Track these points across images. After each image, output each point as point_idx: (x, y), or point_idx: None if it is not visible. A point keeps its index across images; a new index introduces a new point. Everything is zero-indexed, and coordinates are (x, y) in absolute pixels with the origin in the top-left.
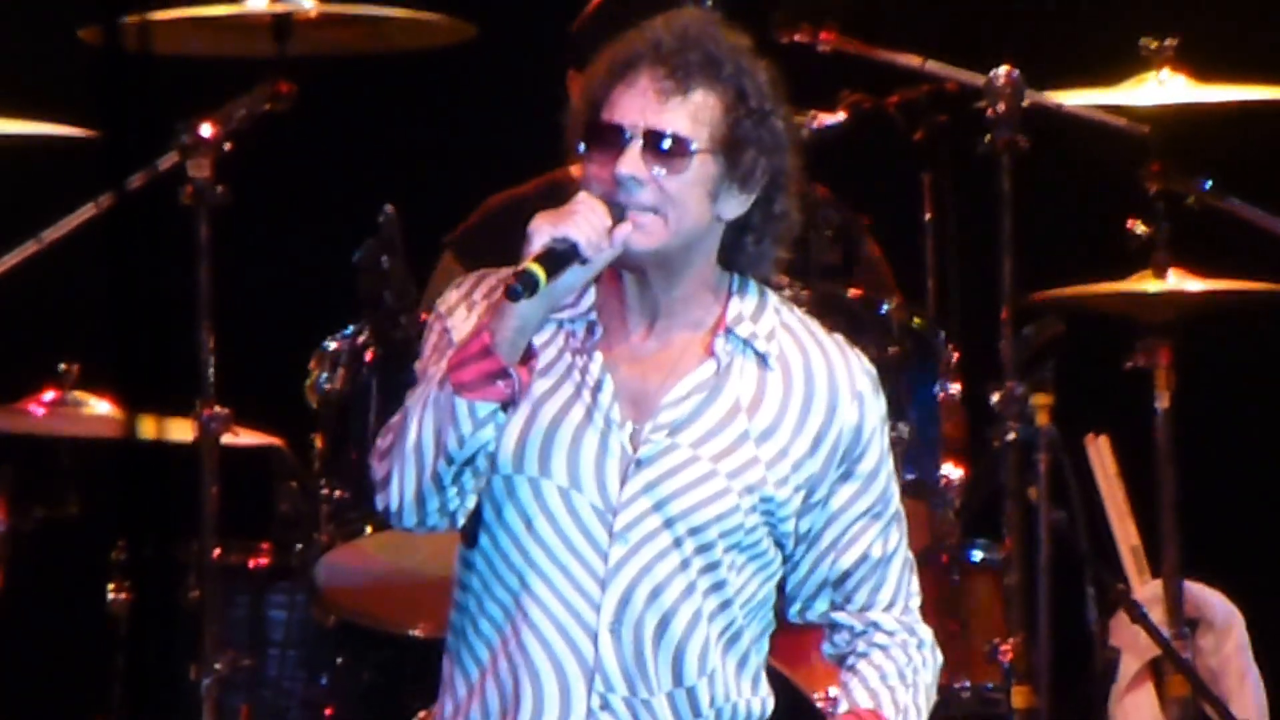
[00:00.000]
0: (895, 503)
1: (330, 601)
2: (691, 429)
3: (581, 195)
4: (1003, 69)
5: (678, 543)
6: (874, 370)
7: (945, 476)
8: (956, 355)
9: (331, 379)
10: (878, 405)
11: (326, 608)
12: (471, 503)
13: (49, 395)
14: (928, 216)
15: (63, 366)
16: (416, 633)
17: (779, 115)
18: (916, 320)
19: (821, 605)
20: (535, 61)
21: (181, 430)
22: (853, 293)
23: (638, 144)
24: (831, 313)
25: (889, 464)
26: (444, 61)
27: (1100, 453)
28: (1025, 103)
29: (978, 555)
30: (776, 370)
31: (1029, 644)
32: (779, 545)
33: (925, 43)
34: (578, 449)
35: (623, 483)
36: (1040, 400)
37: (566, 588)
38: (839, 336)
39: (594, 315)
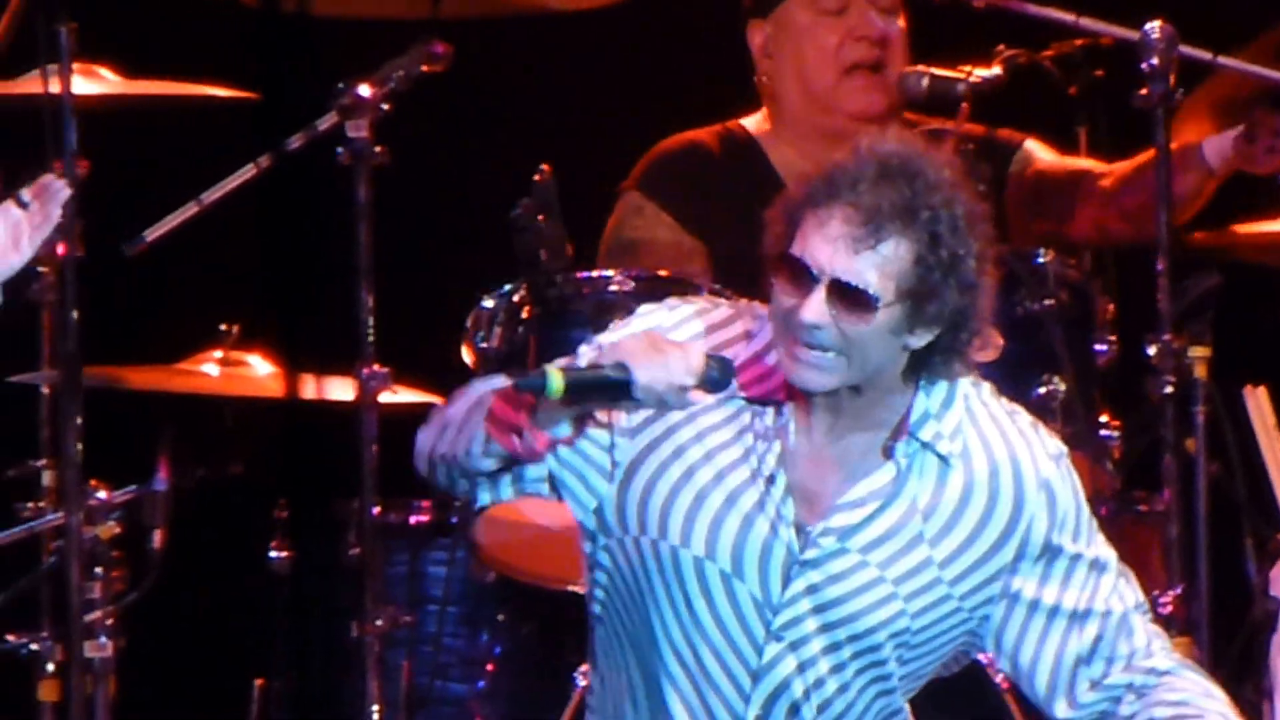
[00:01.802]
0: (1111, 554)
1: (489, 558)
2: (863, 534)
3: (690, 345)
4: (1156, 23)
5: (837, 646)
6: (1060, 448)
7: (1103, 430)
8: (1112, 308)
9: (488, 337)
10: (1067, 483)
11: (485, 564)
12: (486, 498)
13: (211, 356)
14: None
15: (224, 327)
16: (575, 588)
17: (973, 254)
18: (1072, 273)
19: (1083, 686)
20: (689, 18)
21: (342, 389)
22: (1007, 246)
23: (823, 290)
24: None
25: (1092, 526)
26: (598, 20)
27: (1259, 404)
28: (1178, 56)
29: (1137, 508)
30: (958, 468)
31: (1188, 596)
32: (973, 634)
33: None
34: (744, 538)
35: (786, 581)
36: (1198, 352)
37: (718, 672)
38: (1024, 418)
39: (782, 399)
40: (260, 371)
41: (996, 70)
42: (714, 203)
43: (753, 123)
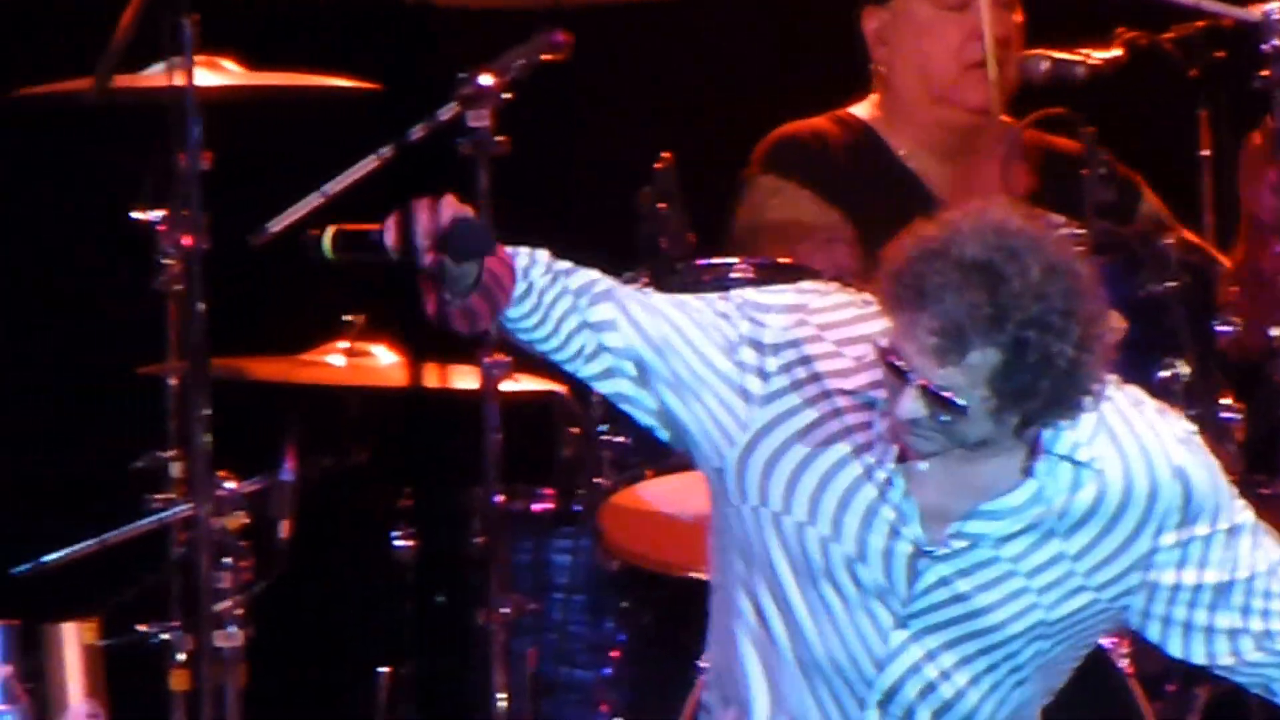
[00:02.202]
0: (1248, 515)
1: (613, 546)
2: (995, 532)
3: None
4: (1278, 4)
5: (966, 640)
6: (1189, 429)
7: (1225, 412)
8: (1235, 290)
9: None
10: (1200, 463)
11: (609, 552)
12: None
13: (336, 346)
14: (1205, 153)
15: (349, 318)
16: (699, 575)
17: (1071, 341)
18: (1194, 256)
19: (1248, 647)
20: (806, 3)
21: (465, 378)
22: (1130, 229)
23: (914, 389)
24: (1109, 250)
25: (1229, 496)
26: (717, 7)
27: None
28: None
29: (1259, 491)
30: (1092, 471)
31: None
32: (1115, 622)
33: None
34: (869, 525)
35: (915, 573)
36: None
37: (842, 654)
38: (1150, 407)
39: None
40: (384, 361)
41: (1116, 53)
42: (841, 187)
43: (864, 110)
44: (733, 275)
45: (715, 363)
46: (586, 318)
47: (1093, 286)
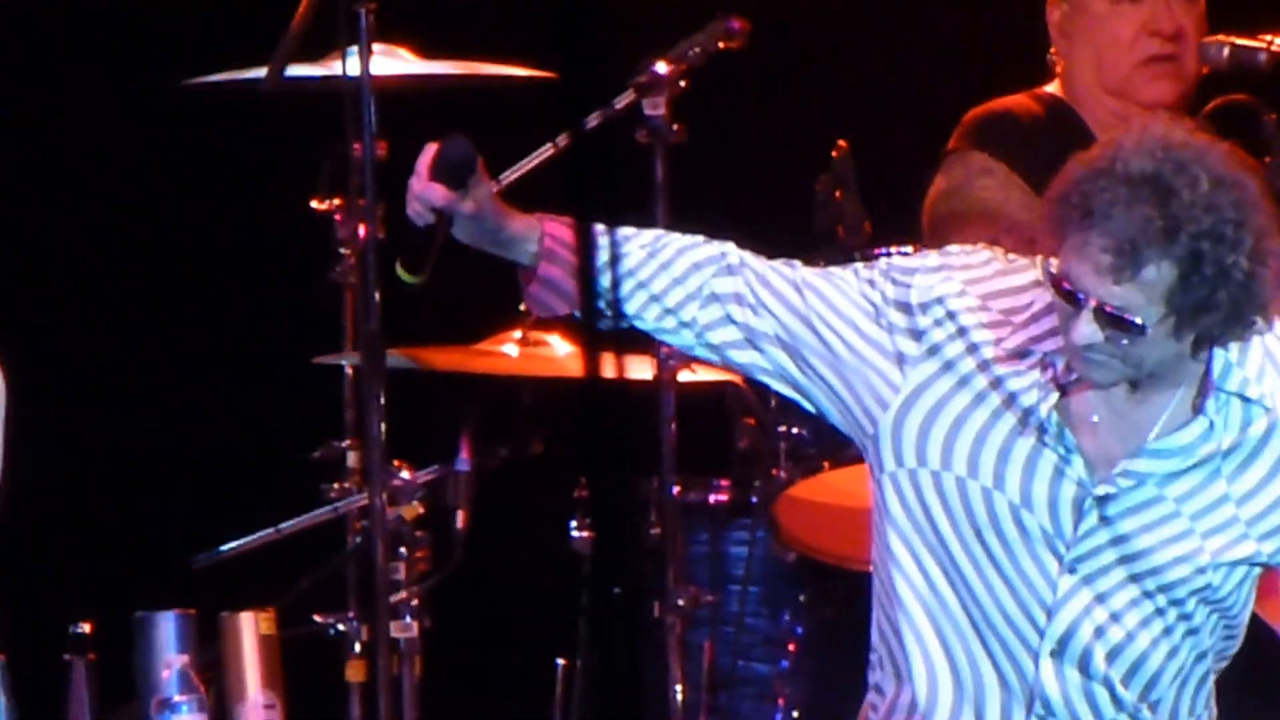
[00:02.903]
0: None
1: (789, 538)
2: (1177, 484)
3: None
4: None
5: (1135, 579)
6: None
7: None
8: None
9: None
10: None
11: (786, 544)
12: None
13: (511, 336)
14: None
15: (524, 307)
16: None
17: (1245, 252)
18: None
19: None
20: None
21: (641, 368)
22: None
23: (1089, 312)
24: None
25: None
26: None
27: None
28: None
29: None
30: (1262, 409)
31: None
32: (1264, 567)
33: None
34: (1032, 470)
35: (1079, 515)
36: None
37: (1011, 605)
38: None
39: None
40: (559, 351)
41: None
42: (1045, 168)
43: (1054, 89)
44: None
45: (864, 328)
46: (714, 289)
47: (1260, 200)
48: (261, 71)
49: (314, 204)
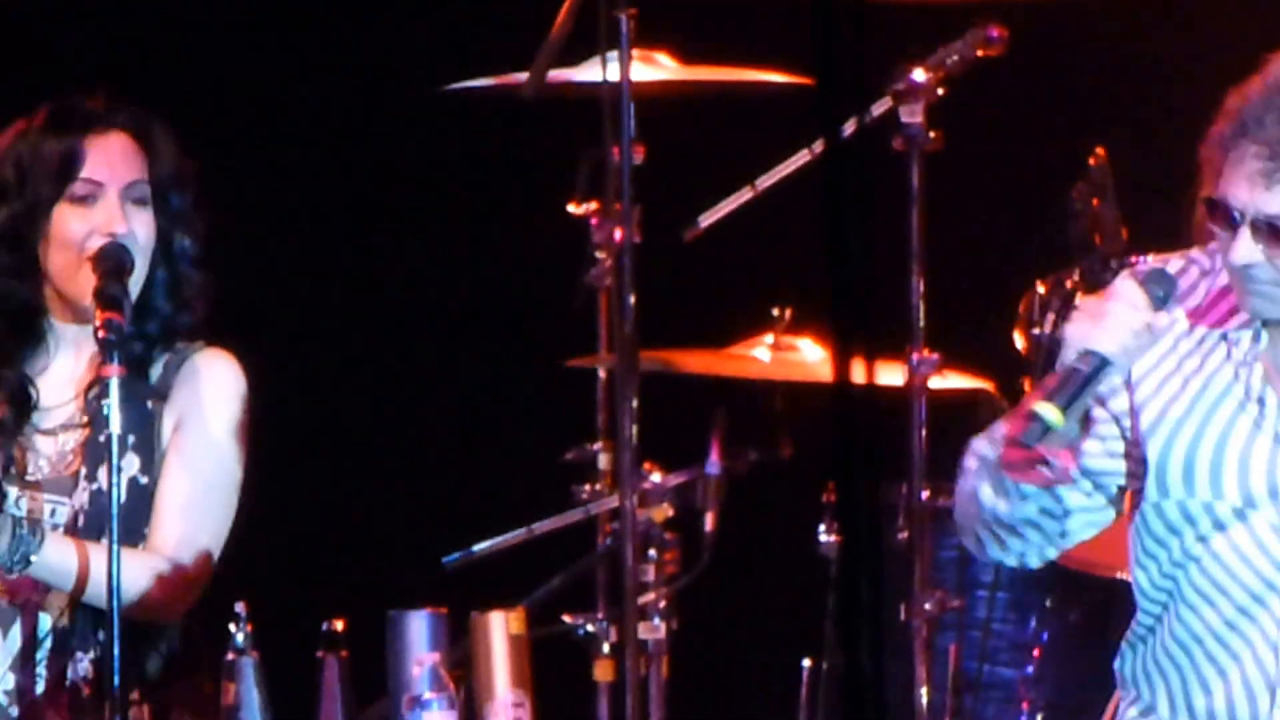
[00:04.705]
0: None
1: None
2: None
3: (1123, 287)
4: None
5: None
6: None
7: None
8: None
9: (1041, 323)
10: None
11: None
12: (1048, 552)
13: (763, 340)
14: None
15: (776, 311)
16: (1123, 576)
17: None
18: None
19: None
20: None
21: (891, 374)
22: None
23: (1247, 231)
24: None
25: None
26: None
27: None
28: None
29: None
30: None
31: None
32: None
33: None
34: (1247, 466)
35: None
36: None
37: (1249, 603)
38: None
39: (1259, 324)
40: (810, 356)
41: None
42: None
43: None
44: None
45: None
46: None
47: None
48: (522, 76)
49: (571, 208)
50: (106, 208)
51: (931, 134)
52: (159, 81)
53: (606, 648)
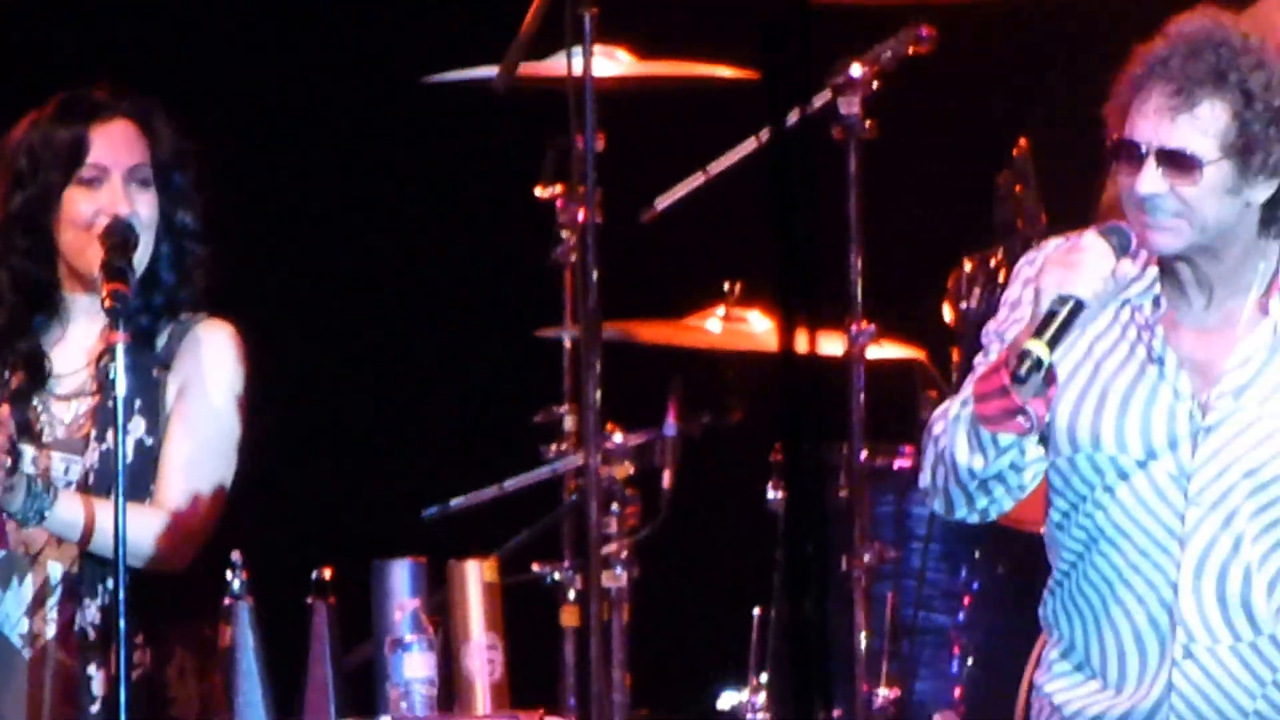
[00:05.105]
0: None
1: None
2: (1255, 389)
3: (1086, 239)
4: None
5: (1252, 494)
6: None
7: None
8: None
9: (968, 296)
10: None
11: None
12: (1005, 505)
13: (714, 312)
14: None
15: (726, 286)
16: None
17: None
18: None
19: None
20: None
21: (833, 344)
22: None
23: (1152, 162)
24: None
25: None
26: (1066, 7)
27: None
28: None
29: None
30: None
31: None
32: None
33: None
34: (1148, 422)
35: (1194, 449)
36: None
37: (1150, 547)
38: None
39: (1157, 290)
40: (759, 328)
41: None
42: None
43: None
44: None
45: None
46: None
47: None
48: (493, 70)
49: (538, 191)
50: (112, 190)
51: (868, 124)
52: (144, 73)
53: (572, 594)
